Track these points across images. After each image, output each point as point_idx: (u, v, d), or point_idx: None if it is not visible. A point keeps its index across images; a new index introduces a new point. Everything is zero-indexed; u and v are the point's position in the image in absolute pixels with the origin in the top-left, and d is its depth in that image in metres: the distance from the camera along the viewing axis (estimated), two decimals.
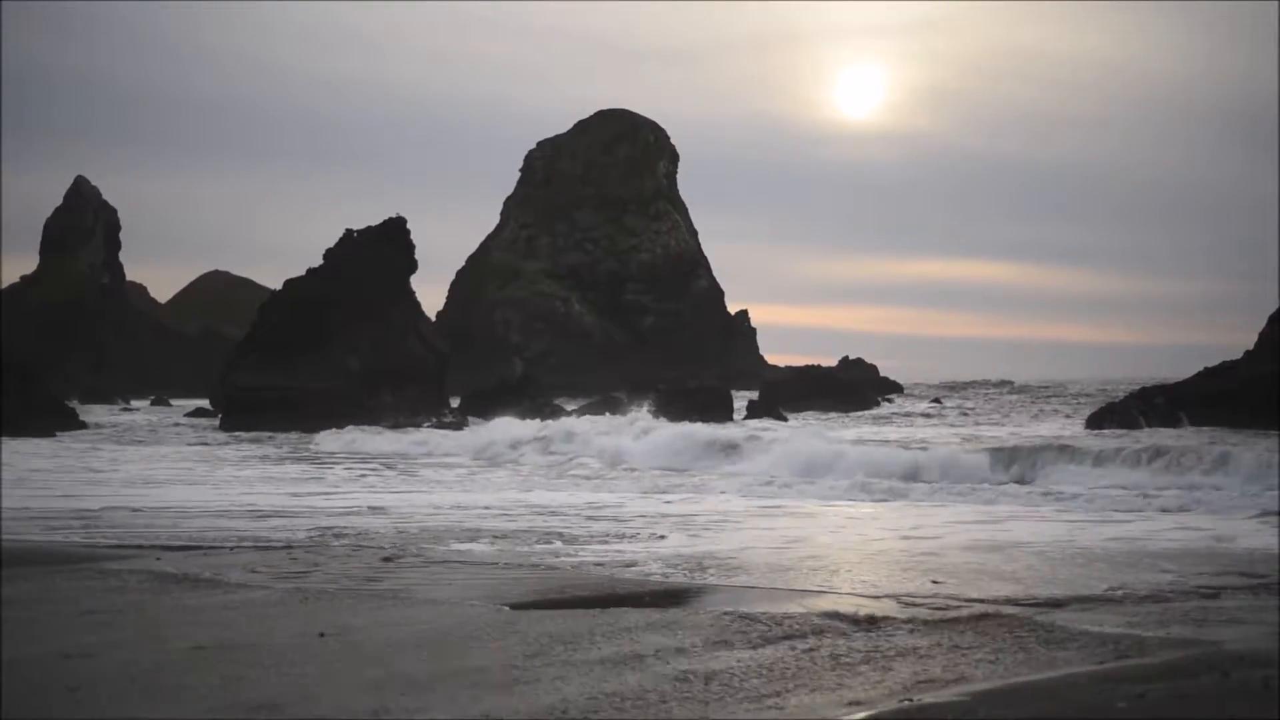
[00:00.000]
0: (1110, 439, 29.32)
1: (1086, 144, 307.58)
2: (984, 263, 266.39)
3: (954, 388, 72.57)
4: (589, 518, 16.52)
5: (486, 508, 18.00)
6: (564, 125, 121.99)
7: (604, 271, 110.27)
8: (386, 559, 11.99)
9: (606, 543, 13.60)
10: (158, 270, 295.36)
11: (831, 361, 76.34)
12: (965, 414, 54.28)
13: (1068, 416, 47.60)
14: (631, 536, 14.22)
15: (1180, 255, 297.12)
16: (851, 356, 79.32)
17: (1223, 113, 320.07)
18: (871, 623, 8.24)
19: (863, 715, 5.54)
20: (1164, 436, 31.20)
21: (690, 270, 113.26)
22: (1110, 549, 12.65)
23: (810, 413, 54.42)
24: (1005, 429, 41.48)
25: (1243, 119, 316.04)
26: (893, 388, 75.32)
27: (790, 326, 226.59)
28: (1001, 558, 11.91)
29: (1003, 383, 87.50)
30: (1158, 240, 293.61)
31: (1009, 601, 9.18)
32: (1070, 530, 14.52)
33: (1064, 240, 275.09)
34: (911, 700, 5.74)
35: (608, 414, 41.56)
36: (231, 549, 12.82)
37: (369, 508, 18.05)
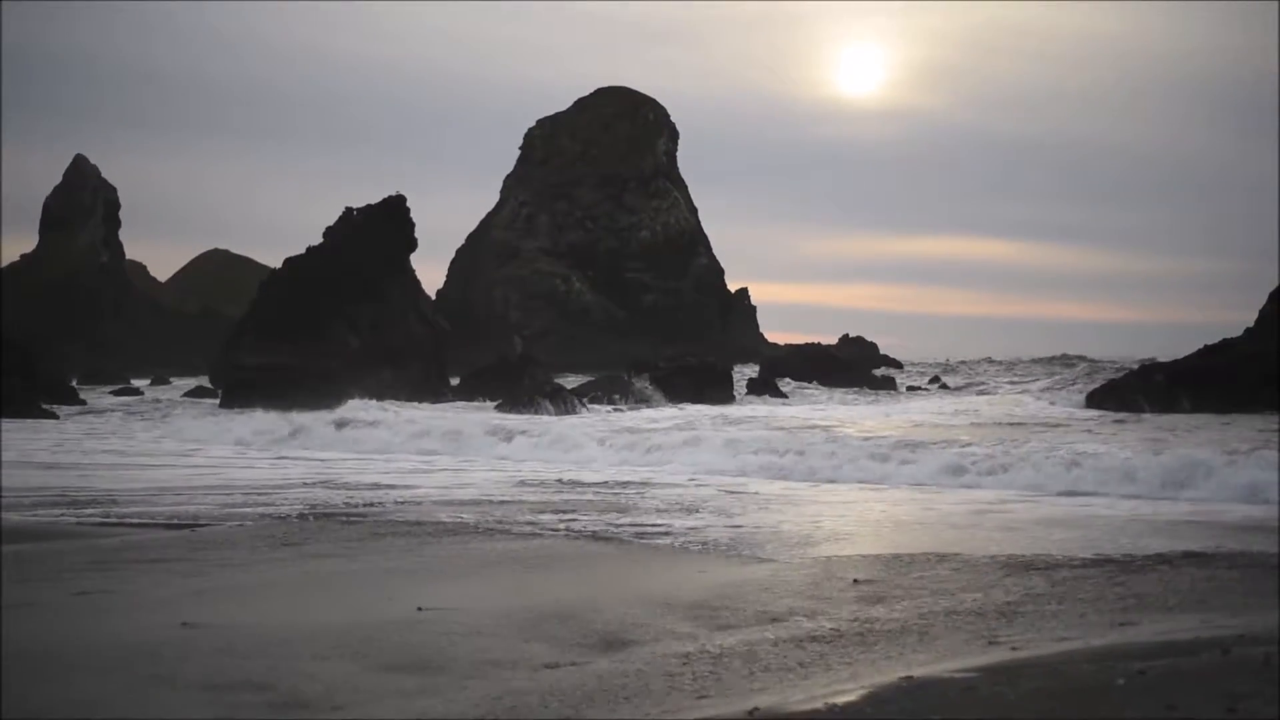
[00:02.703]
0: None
1: (1086, 121, 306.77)
2: (984, 240, 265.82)
3: (953, 365, 72.57)
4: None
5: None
6: (564, 103, 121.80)
7: (604, 249, 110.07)
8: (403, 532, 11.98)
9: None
10: (157, 249, 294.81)
11: (832, 339, 76.37)
12: (957, 390, 54.25)
13: (1048, 394, 47.52)
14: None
15: (1181, 232, 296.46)
16: (851, 334, 79.32)
17: (1222, 89, 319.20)
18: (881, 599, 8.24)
19: (863, 692, 5.52)
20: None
21: (690, 248, 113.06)
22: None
23: (807, 386, 54.52)
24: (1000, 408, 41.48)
25: (1243, 95, 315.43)
26: (892, 365, 75.31)
27: (791, 304, 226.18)
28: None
29: (1002, 360, 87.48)
30: (1158, 217, 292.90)
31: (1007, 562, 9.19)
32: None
33: (1065, 218, 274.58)
34: (912, 677, 5.73)
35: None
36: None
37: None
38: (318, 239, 53.56)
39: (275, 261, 57.84)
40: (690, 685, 6.03)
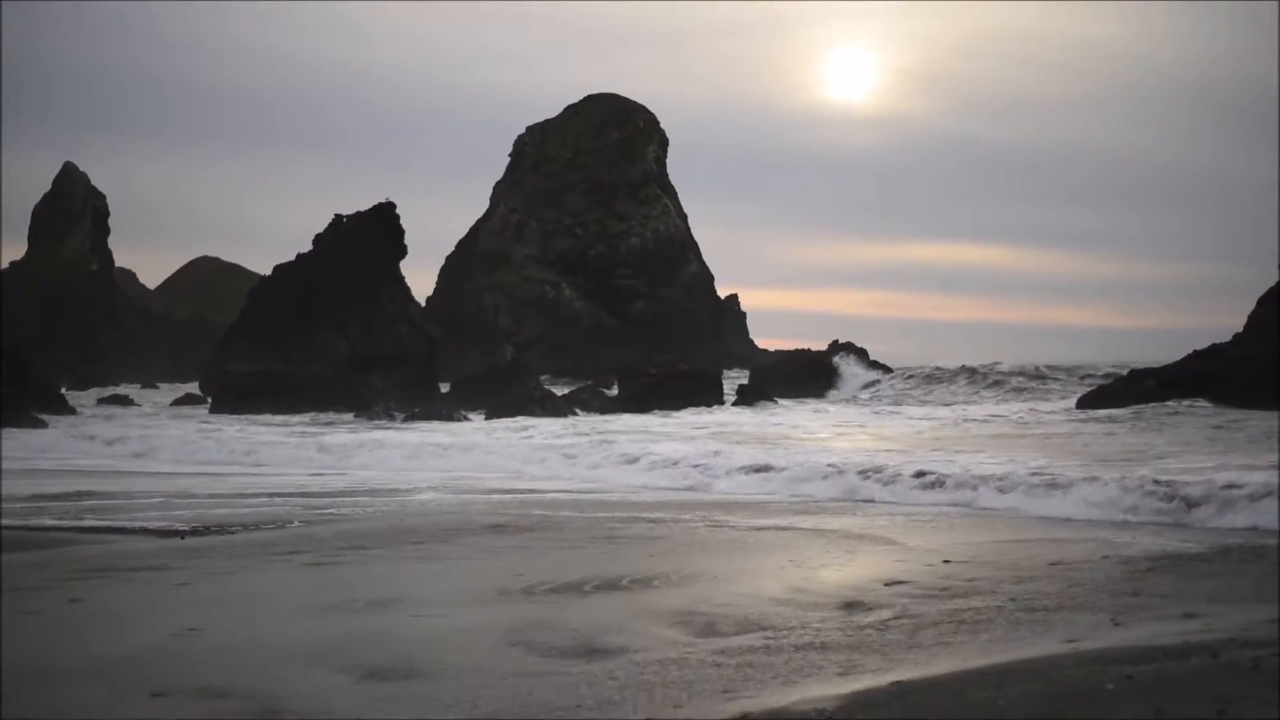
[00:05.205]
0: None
1: (1079, 127, 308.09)
2: (976, 246, 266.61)
3: (944, 371, 72.63)
4: None
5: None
6: (554, 110, 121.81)
7: (594, 256, 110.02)
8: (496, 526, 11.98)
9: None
10: (147, 256, 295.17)
11: (822, 344, 76.17)
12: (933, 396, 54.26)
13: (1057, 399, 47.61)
14: None
15: (1174, 239, 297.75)
16: (841, 340, 79.11)
17: (1219, 95, 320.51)
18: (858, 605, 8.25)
19: (852, 696, 5.53)
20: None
21: (680, 254, 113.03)
22: None
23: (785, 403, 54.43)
24: (988, 409, 41.49)
25: (1239, 102, 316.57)
26: (882, 371, 75.13)
27: (781, 310, 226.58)
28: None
29: (993, 365, 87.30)
30: (1153, 224, 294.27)
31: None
32: None
33: (1058, 224, 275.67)
34: (902, 681, 5.74)
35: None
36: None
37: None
38: (308, 246, 53.58)
39: (265, 268, 57.86)
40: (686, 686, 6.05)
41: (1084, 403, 38.75)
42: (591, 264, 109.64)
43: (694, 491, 18.65)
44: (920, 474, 17.54)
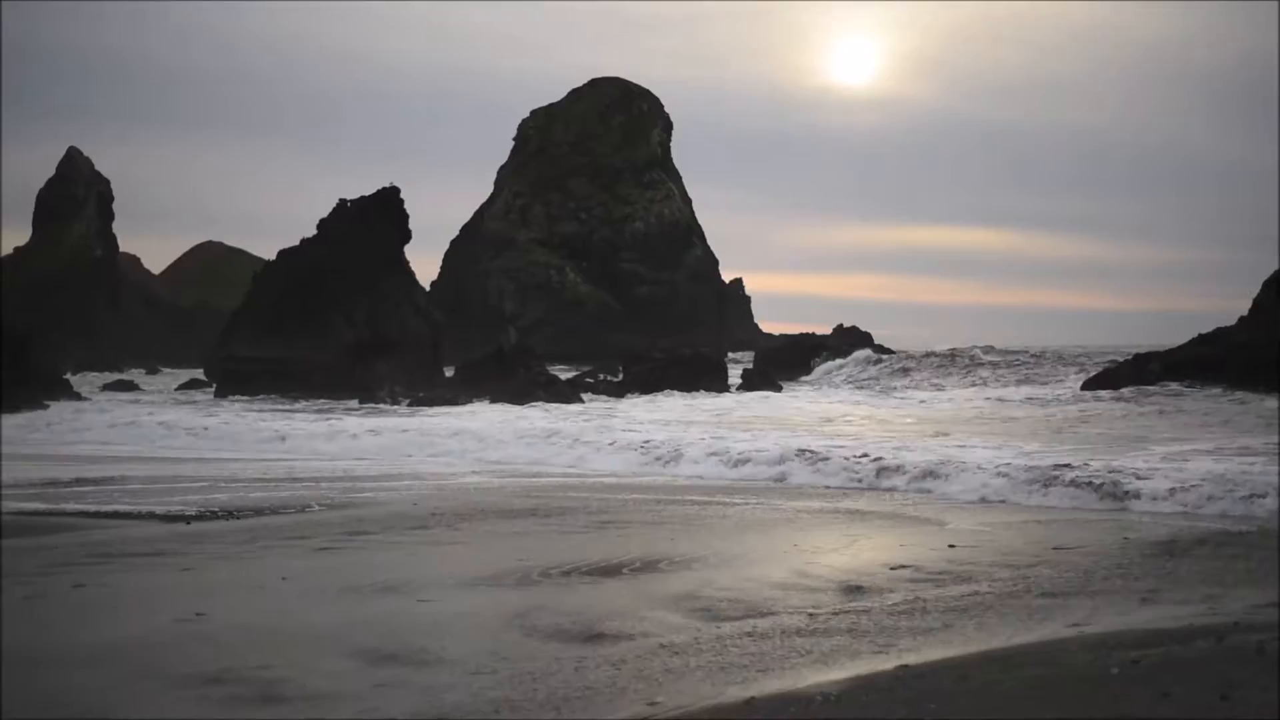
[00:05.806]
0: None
1: (1084, 111, 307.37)
2: (981, 230, 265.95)
3: (948, 353, 72.57)
4: None
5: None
6: (558, 94, 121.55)
7: (598, 240, 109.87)
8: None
9: None
10: (151, 241, 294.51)
11: (826, 329, 76.15)
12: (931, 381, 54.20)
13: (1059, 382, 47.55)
14: None
15: (1180, 222, 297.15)
16: (846, 324, 79.02)
17: (1219, 79, 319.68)
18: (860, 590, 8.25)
19: (858, 680, 5.53)
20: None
21: (685, 238, 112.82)
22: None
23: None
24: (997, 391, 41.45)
25: (1239, 85, 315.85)
26: (886, 355, 75.12)
27: (785, 294, 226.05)
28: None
29: (998, 348, 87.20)
30: (1158, 207, 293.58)
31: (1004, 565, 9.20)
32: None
33: (1063, 207, 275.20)
34: (908, 665, 5.74)
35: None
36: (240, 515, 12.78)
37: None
38: (312, 231, 53.50)
39: (270, 253, 57.77)
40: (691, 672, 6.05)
41: (1089, 385, 38.74)
42: (596, 248, 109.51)
43: (697, 477, 18.65)
44: (902, 460, 17.47)
